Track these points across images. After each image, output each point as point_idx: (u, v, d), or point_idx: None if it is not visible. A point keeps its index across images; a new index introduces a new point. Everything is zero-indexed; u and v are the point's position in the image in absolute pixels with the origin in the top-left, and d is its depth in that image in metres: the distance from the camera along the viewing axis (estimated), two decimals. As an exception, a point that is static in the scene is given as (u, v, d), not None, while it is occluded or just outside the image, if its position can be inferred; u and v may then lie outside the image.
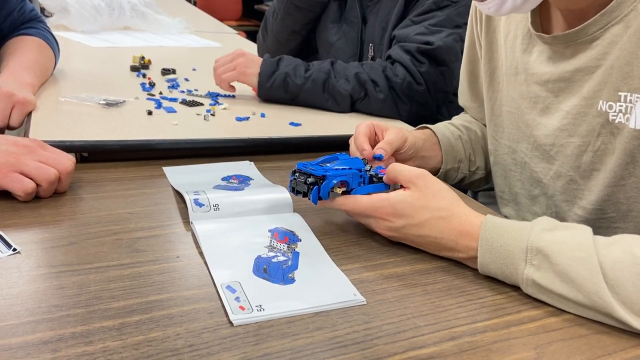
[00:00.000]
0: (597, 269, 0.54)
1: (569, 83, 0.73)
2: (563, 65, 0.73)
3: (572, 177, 0.75)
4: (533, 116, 0.79)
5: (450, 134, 0.92)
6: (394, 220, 0.65)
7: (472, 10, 0.92)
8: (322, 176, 0.67)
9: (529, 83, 0.79)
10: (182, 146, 0.93)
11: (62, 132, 0.90)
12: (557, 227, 0.59)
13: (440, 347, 0.51)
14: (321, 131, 1.06)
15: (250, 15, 5.79)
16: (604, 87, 0.68)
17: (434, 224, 0.64)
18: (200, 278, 0.59)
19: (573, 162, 0.74)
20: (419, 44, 1.16)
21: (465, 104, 1.01)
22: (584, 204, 0.74)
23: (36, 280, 0.56)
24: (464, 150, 0.93)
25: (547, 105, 0.76)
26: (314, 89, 1.16)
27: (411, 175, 0.66)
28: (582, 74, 0.70)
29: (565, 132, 0.74)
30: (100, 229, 0.67)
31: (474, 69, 0.95)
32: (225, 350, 0.48)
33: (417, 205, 0.64)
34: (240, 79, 1.18)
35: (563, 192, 0.76)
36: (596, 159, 0.71)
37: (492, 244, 0.60)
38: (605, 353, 0.52)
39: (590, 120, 0.70)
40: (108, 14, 1.90)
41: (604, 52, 0.67)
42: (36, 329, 0.49)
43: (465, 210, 0.64)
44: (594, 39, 0.68)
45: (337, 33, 1.41)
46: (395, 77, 1.16)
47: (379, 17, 1.31)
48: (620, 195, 0.70)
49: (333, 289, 0.58)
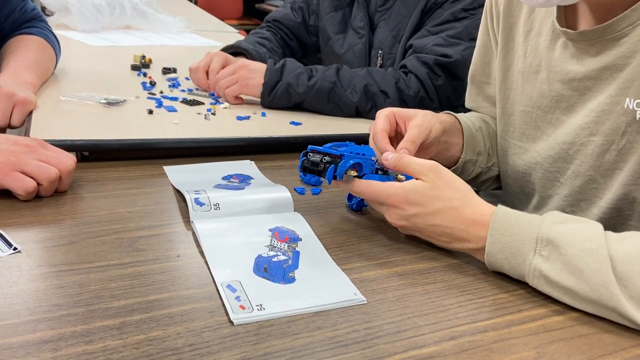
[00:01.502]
0: (607, 261, 0.54)
1: (595, 82, 0.71)
2: (589, 63, 0.71)
3: (592, 176, 0.73)
4: (557, 115, 0.77)
5: (471, 124, 0.90)
6: (406, 208, 0.65)
7: (488, 6, 0.89)
8: (339, 155, 0.67)
9: (551, 81, 0.77)
10: (183, 145, 0.93)
11: (63, 131, 0.90)
12: (569, 220, 0.59)
13: (441, 347, 0.51)
14: (322, 130, 1.06)
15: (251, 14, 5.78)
16: (631, 85, 0.67)
17: (446, 213, 0.63)
18: (200, 277, 0.59)
19: (593, 161, 0.72)
20: (437, 56, 1.15)
21: (474, 104, 0.98)
22: (602, 202, 0.73)
23: (37, 279, 0.56)
24: (484, 143, 0.90)
25: (572, 104, 0.75)
26: (318, 98, 1.13)
27: (423, 167, 0.66)
28: (610, 72, 0.69)
29: (587, 130, 0.72)
30: (101, 228, 0.67)
31: (487, 68, 0.93)
32: (226, 349, 0.48)
33: (430, 194, 0.64)
34: (243, 91, 1.16)
35: (581, 192, 0.75)
36: (620, 157, 0.70)
37: (502, 233, 0.60)
38: (605, 353, 0.52)
39: (615, 118, 0.69)
40: (109, 13, 1.90)
41: (633, 50, 0.66)
42: (37, 328, 0.49)
43: (478, 201, 0.64)
44: (622, 35, 0.67)
45: (343, 45, 1.38)
46: (408, 89, 1.14)
47: (390, 24, 1.28)
48: (637, 195, 0.69)
49: (333, 289, 0.58)
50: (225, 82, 1.15)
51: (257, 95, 1.16)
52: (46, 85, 1.15)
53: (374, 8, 1.32)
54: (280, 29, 1.52)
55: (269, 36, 1.46)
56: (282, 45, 1.49)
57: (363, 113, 1.15)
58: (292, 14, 1.51)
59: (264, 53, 1.34)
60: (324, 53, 1.48)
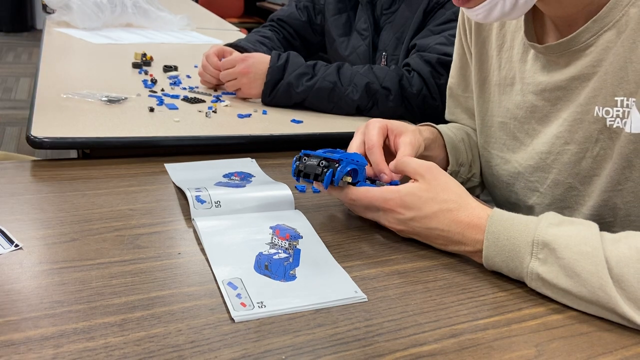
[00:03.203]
0: (603, 263, 0.54)
1: (565, 91, 0.72)
2: (558, 74, 0.73)
3: (572, 184, 0.74)
4: (533, 125, 0.78)
5: (454, 135, 0.91)
6: (403, 213, 0.65)
7: (461, 21, 0.91)
8: (337, 160, 0.66)
9: (524, 93, 0.78)
10: (184, 143, 0.93)
11: (64, 128, 0.90)
12: (564, 222, 0.60)
13: (441, 345, 0.51)
14: (323, 128, 1.06)
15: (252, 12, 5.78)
16: (599, 93, 0.68)
17: (442, 217, 0.64)
18: (201, 274, 0.59)
19: (571, 170, 0.74)
20: (440, 55, 1.15)
21: (453, 117, 0.99)
22: (584, 210, 0.74)
23: (38, 276, 0.56)
24: (466, 154, 0.92)
25: (545, 114, 0.76)
26: (319, 97, 1.14)
27: (420, 168, 0.67)
28: (579, 81, 0.70)
29: (561, 139, 0.74)
30: (102, 225, 0.67)
31: (464, 80, 0.94)
32: (227, 346, 0.48)
33: (425, 197, 0.64)
34: (243, 96, 1.18)
35: (563, 200, 0.76)
36: (595, 164, 0.71)
37: (499, 236, 0.61)
38: (606, 351, 0.52)
39: (587, 126, 0.70)
40: (110, 11, 1.90)
41: (599, 59, 0.67)
42: (38, 324, 0.49)
43: (473, 204, 0.65)
44: (587, 46, 0.68)
45: (347, 47, 1.39)
46: (410, 87, 1.15)
47: (395, 26, 1.28)
48: (617, 201, 0.70)
49: (334, 286, 0.58)
50: (230, 85, 1.17)
51: (258, 96, 1.16)
52: (47, 83, 1.15)
53: (380, 11, 1.32)
54: (284, 28, 1.52)
55: (270, 35, 1.46)
56: (284, 44, 1.49)
57: (364, 111, 1.15)
58: (297, 12, 1.51)
59: (263, 52, 1.34)
60: (330, 54, 1.49)
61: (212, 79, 1.22)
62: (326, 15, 1.45)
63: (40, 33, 1.89)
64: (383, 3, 1.30)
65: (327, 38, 1.47)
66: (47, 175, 0.80)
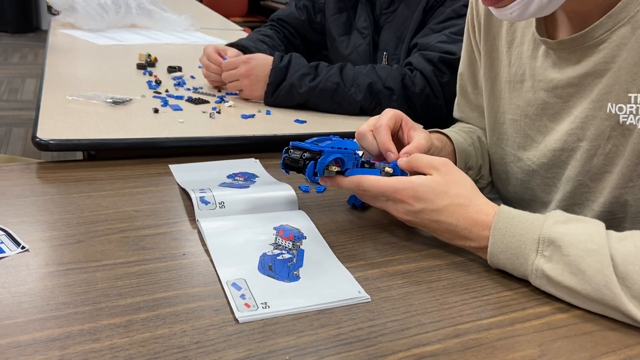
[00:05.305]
0: (608, 261, 0.55)
1: (577, 88, 0.72)
2: (570, 70, 0.72)
3: (582, 180, 0.74)
4: (544, 122, 0.78)
5: (463, 140, 0.90)
6: (413, 204, 0.65)
7: (469, 18, 0.90)
8: (318, 151, 0.65)
9: (535, 90, 0.77)
10: (188, 144, 0.93)
11: (70, 130, 0.90)
12: (570, 220, 0.60)
13: (445, 344, 0.51)
14: (327, 128, 1.06)
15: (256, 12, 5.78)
16: (612, 90, 0.67)
17: (452, 211, 0.64)
18: (206, 275, 0.59)
19: (582, 167, 0.73)
20: (441, 53, 1.15)
21: (462, 115, 0.98)
22: (595, 206, 0.74)
23: (44, 277, 0.57)
24: (475, 159, 0.91)
25: (557, 111, 0.75)
26: (322, 98, 1.14)
27: (435, 161, 0.67)
28: (591, 77, 0.70)
29: (574, 136, 0.73)
30: (107, 226, 0.68)
31: (473, 78, 0.94)
32: (231, 347, 0.49)
33: (438, 190, 0.64)
34: (246, 97, 1.18)
35: (573, 197, 0.76)
36: (607, 161, 0.70)
37: (504, 233, 0.61)
38: (609, 350, 0.52)
39: (599, 123, 0.69)
40: (114, 12, 1.91)
41: (612, 55, 0.67)
42: (44, 326, 0.49)
43: (482, 200, 0.65)
44: (600, 42, 0.67)
45: (348, 46, 1.39)
46: (413, 86, 1.14)
47: (395, 26, 1.28)
48: (628, 197, 0.70)
49: (338, 287, 0.58)
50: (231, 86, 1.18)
51: (260, 98, 1.17)
52: (52, 84, 1.16)
53: (379, 10, 1.32)
54: (284, 27, 1.52)
55: (271, 34, 1.47)
56: (285, 43, 1.49)
57: (368, 111, 1.15)
58: (297, 12, 1.52)
59: (264, 50, 1.35)
60: (331, 53, 1.49)
61: (216, 76, 1.23)
62: (326, 14, 1.45)
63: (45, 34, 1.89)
64: (382, 2, 1.30)
65: (328, 37, 1.47)
66: (52, 177, 0.81)
